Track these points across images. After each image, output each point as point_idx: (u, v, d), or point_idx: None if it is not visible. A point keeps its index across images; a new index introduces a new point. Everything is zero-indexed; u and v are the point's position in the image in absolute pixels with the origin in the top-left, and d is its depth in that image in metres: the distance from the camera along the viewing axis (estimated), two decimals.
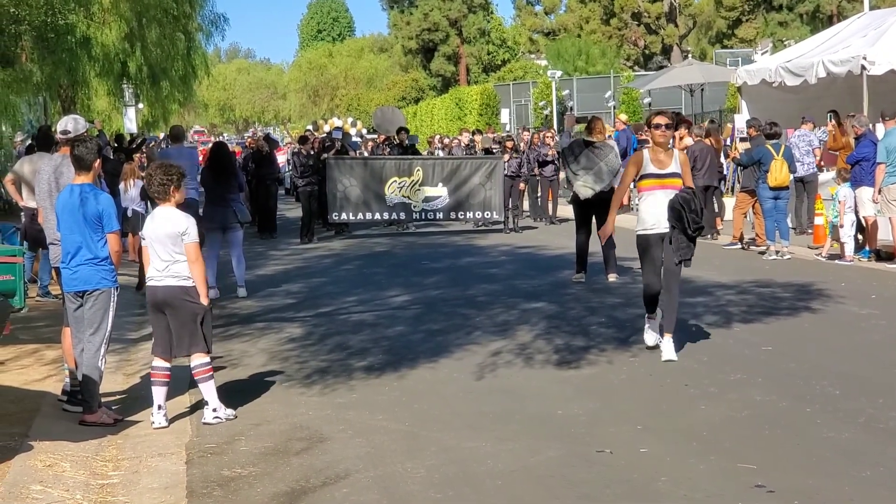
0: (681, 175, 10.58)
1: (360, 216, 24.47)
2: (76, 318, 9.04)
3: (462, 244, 22.38)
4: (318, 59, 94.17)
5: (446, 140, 33.30)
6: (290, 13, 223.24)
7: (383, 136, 31.82)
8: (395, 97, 74.90)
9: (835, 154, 20.34)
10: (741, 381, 9.48)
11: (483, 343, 11.61)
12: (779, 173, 17.49)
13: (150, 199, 16.14)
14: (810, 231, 19.73)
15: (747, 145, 20.00)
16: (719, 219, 21.44)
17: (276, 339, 12.49)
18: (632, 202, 25.81)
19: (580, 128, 26.16)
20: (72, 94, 30.56)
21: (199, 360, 8.84)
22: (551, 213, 26.51)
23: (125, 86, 32.63)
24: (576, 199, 15.83)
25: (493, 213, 24.56)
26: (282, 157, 35.66)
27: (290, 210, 30.87)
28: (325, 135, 31.08)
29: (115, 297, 9.04)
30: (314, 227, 24.00)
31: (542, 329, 12.29)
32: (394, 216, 24.85)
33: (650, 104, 45.44)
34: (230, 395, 9.28)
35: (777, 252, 17.67)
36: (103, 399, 9.25)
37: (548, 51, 70.18)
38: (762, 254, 18.03)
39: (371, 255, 21.02)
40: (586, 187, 15.46)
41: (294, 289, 16.55)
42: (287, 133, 52.62)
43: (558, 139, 27.86)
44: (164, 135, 37.83)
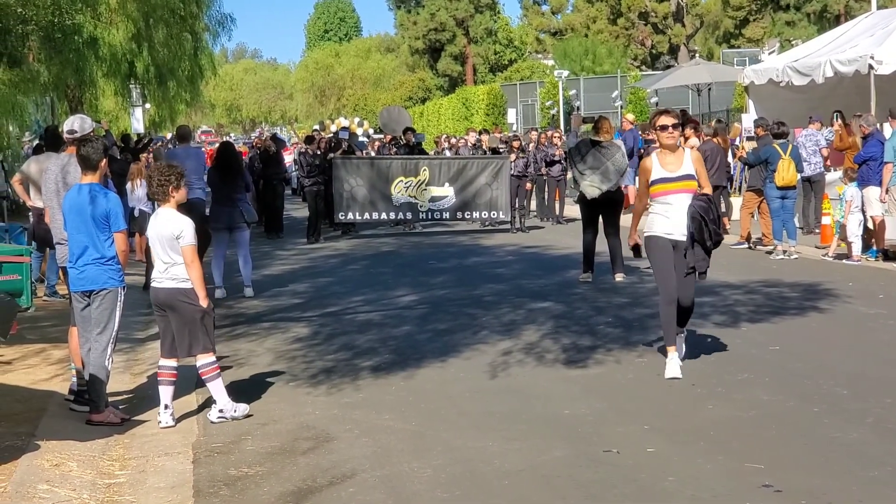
0: (695, 176, 9.75)
1: (366, 216, 24.48)
2: (83, 317, 9.04)
3: (468, 244, 22.38)
4: (325, 59, 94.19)
5: (453, 140, 33.30)
6: (296, 13, 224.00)
7: (390, 136, 31.86)
8: (401, 97, 74.91)
9: (842, 154, 20.32)
10: (748, 381, 9.46)
11: (490, 343, 11.60)
12: (786, 173, 17.46)
13: None
14: (817, 231, 19.71)
15: (754, 145, 19.98)
16: (727, 219, 21.37)
17: (282, 338, 12.49)
18: None
19: (587, 127, 26.17)
20: (79, 94, 30.56)
21: (205, 359, 8.85)
22: (558, 212, 26.50)
23: (132, 86, 32.62)
24: (582, 199, 15.80)
25: (500, 212, 24.54)
26: (288, 157, 35.63)
27: (297, 210, 30.88)
28: (331, 135, 31.13)
29: (122, 297, 9.04)
30: (321, 226, 24.01)
31: (549, 329, 12.27)
32: (400, 216, 24.85)
33: (657, 104, 45.38)
34: (237, 395, 9.27)
35: (784, 252, 17.65)
36: (110, 398, 9.25)
37: (555, 50, 70.17)
38: (769, 253, 17.99)
39: (377, 254, 21.02)
40: (593, 187, 15.45)
41: (301, 288, 16.55)
42: (294, 133, 52.64)
43: (566, 139, 27.84)
44: (171, 135, 37.89)
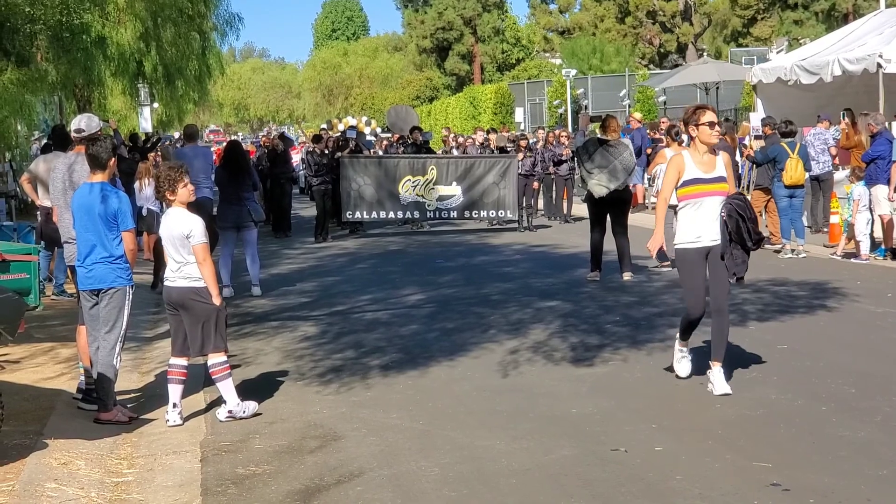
0: (727, 179, 9.27)
1: (374, 215, 24.49)
2: (91, 316, 9.06)
3: (476, 243, 22.38)
4: (333, 58, 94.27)
5: (461, 139, 33.30)
6: (304, 12, 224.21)
7: (397, 135, 31.86)
8: (409, 96, 74.94)
9: (850, 152, 20.29)
10: (756, 380, 9.46)
11: (498, 341, 11.60)
12: (794, 172, 17.44)
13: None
14: (826, 229, 19.68)
15: (762, 143, 19.95)
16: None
17: (290, 337, 12.50)
18: (646, 200, 25.79)
19: (595, 126, 26.14)
20: (87, 93, 30.63)
21: (216, 358, 8.86)
22: (566, 211, 26.50)
23: (140, 85, 32.71)
24: (590, 198, 15.80)
25: (507, 211, 24.54)
26: (296, 156, 35.68)
27: (305, 209, 30.90)
28: (339, 134, 31.11)
29: (131, 296, 9.05)
30: (328, 225, 24.03)
31: (556, 328, 12.27)
32: (408, 215, 24.85)
33: (665, 102, 45.37)
34: (245, 393, 9.28)
35: (792, 250, 17.63)
36: (118, 397, 9.27)
37: (562, 49, 70.10)
38: (777, 252, 17.97)
39: (385, 253, 21.02)
40: (601, 186, 15.44)
41: (308, 287, 16.56)
42: (301, 132, 52.64)
43: (574, 138, 27.83)
44: (179, 134, 37.93)
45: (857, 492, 6.57)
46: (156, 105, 37.77)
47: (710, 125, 9.15)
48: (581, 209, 21.62)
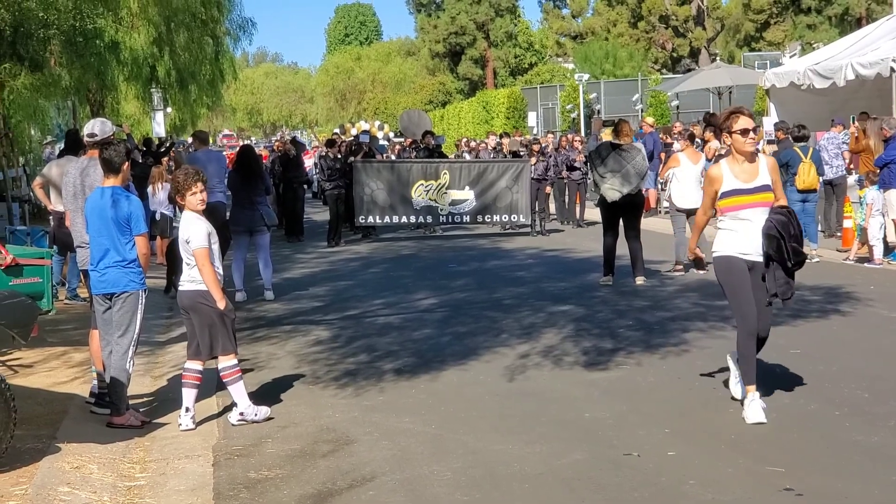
0: (772, 187, 8.47)
1: (386, 219, 24.49)
2: (104, 320, 9.07)
3: (489, 247, 22.37)
4: (346, 62, 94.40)
5: (473, 143, 33.31)
6: (317, 17, 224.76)
7: (410, 140, 31.87)
8: (422, 101, 75.05)
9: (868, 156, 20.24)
10: (769, 384, 9.41)
11: (510, 346, 11.59)
12: (807, 176, 17.41)
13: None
14: (839, 234, 19.62)
15: (775, 148, 19.91)
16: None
17: (303, 341, 12.50)
18: (659, 205, 25.75)
19: (608, 131, 26.10)
20: (100, 98, 30.74)
21: (227, 361, 8.87)
22: (578, 215, 26.48)
23: (153, 90, 32.82)
24: (603, 202, 15.79)
25: (520, 216, 24.51)
26: (309, 161, 35.72)
27: (318, 213, 30.93)
28: (352, 138, 31.15)
29: (143, 300, 9.07)
30: (341, 230, 24.04)
31: (569, 332, 12.26)
32: (420, 219, 24.84)
33: (678, 107, 45.35)
34: (257, 398, 9.29)
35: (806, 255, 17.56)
36: (131, 401, 9.28)
37: (575, 54, 70.19)
38: None
39: (398, 258, 21.03)
40: (613, 190, 15.43)
41: (321, 292, 16.57)
42: (314, 136, 52.72)
43: (587, 142, 27.82)
44: (189, 140, 38.08)
45: (871, 496, 6.54)
46: (169, 110, 37.90)
47: (742, 132, 8.39)
48: (594, 213, 21.62)
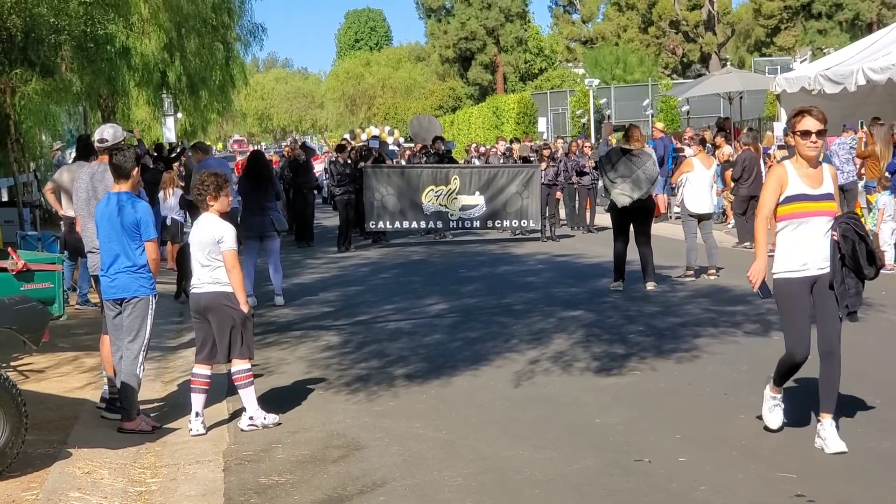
0: (835, 197, 7.86)
1: (396, 225, 24.51)
2: (115, 325, 9.09)
3: (499, 253, 22.36)
4: (356, 68, 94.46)
5: (482, 149, 33.29)
6: (327, 23, 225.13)
7: (420, 145, 31.88)
8: (432, 106, 75.08)
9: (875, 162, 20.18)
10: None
11: (520, 351, 11.58)
12: None
13: (189, 208, 16.32)
14: None
15: (785, 153, 19.87)
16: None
17: (313, 347, 12.51)
18: (670, 210, 25.68)
19: (618, 136, 26.09)
20: (111, 103, 30.78)
21: (240, 365, 8.88)
22: (589, 221, 26.45)
23: (164, 95, 32.90)
24: (613, 207, 15.77)
25: (531, 221, 24.49)
26: (319, 166, 35.76)
27: (328, 219, 30.94)
28: (362, 143, 31.17)
29: (154, 305, 9.08)
30: (351, 235, 24.05)
31: (579, 337, 12.24)
32: (430, 225, 24.84)
33: (688, 112, 45.31)
34: (268, 403, 9.30)
35: None
36: (142, 406, 9.28)
37: (585, 59, 70.16)
38: None
39: (408, 263, 21.02)
40: (624, 195, 15.41)
41: (331, 297, 16.57)
42: (324, 142, 52.79)
43: (597, 148, 27.79)
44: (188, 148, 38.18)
45: (882, 503, 6.52)
46: (179, 115, 37.97)
47: (802, 134, 7.67)
48: (604, 219, 21.58)
